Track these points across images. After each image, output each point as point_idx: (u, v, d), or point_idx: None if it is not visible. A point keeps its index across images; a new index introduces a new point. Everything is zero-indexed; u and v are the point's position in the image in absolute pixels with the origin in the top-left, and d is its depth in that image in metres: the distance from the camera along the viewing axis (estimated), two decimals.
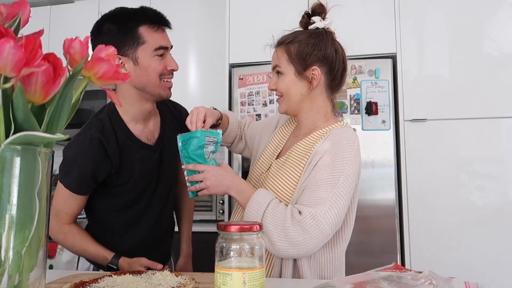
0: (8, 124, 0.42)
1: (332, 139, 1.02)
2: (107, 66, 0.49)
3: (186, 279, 0.81)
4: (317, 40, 1.08)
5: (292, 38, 1.09)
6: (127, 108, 1.18)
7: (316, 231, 0.92)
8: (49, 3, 3.12)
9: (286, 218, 0.93)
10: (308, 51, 1.07)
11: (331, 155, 1.00)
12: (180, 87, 2.77)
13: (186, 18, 2.79)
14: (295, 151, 1.09)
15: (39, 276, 0.46)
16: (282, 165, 1.09)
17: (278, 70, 1.09)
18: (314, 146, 1.05)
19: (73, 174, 1.13)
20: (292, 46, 1.08)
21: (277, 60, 1.10)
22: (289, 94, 1.09)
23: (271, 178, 1.08)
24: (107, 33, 1.10)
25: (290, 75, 1.08)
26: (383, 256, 2.02)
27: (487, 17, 2.12)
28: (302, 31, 1.11)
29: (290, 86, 1.08)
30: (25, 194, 0.43)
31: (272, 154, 1.16)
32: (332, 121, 1.11)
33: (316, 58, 1.07)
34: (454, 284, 0.66)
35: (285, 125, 1.24)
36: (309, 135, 1.10)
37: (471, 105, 2.08)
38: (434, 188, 2.06)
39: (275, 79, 1.11)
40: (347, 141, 1.02)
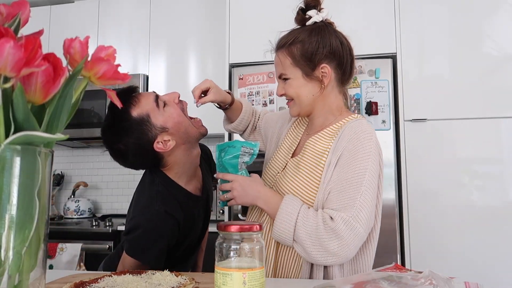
0: (8, 124, 0.42)
1: (349, 134, 0.99)
2: (107, 66, 0.49)
3: (186, 279, 0.81)
4: (320, 36, 1.01)
5: (293, 38, 1.02)
6: (181, 170, 1.21)
7: (350, 236, 0.89)
8: (49, 3, 3.12)
9: (318, 225, 0.90)
10: (313, 49, 1.00)
11: (352, 152, 0.96)
12: (180, 88, 2.77)
13: (186, 18, 2.79)
14: (310, 149, 1.05)
15: (39, 276, 0.46)
16: (298, 164, 1.05)
17: (285, 77, 1.04)
18: (331, 143, 1.01)
19: (152, 253, 1.11)
20: (295, 47, 1.01)
21: (281, 66, 1.04)
22: (300, 97, 1.04)
23: (288, 178, 1.04)
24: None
25: (298, 78, 1.02)
26: (383, 256, 2.02)
27: (487, 17, 2.12)
28: (300, 29, 1.05)
29: (300, 89, 1.03)
30: (25, 194, 0.43)
31: (287, 152, 1.13)
32: (346, 115, 1.08)
33: (323, 55, 1.01)
34: (454, 284, 0.66)
35: (298, 122, 1.20)
36: (321, 131, 1.06)
37: (471, 105, 2.08)
38: (434, 188, 2.06)
39: (282, 84, 1.06)
40: (365, 135, 0.99)
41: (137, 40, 2.87)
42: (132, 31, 2.89)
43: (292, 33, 1.05)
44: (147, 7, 2.86)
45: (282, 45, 1.04)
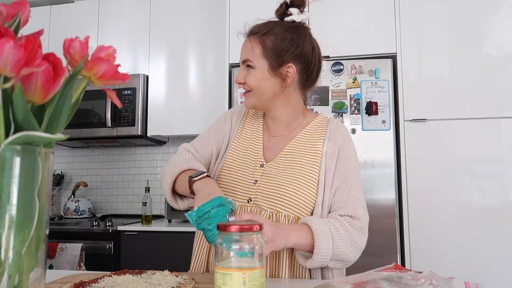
0: (8, 124, 0.42)
1: (339, 134, 1.05)
2: (107, 66, 0.49)
3: (186, 279, 0.81)
4: (295, 35, 1.01)
5: (268, 29, 1.01)
6: None
7: (367, 230, 0.99)
8: (49, 3, 3.12)
9: (349, 231, 0.94)
10: (284, 46, 1.00)
11: (347, 150, 1.03)
12: (180, 88, 2.78)
13: (186, 18, 2.79)
14: (297, 150, 1.04)
15: (39, 276, 0.46)
16: (287, 166, 1.01)
17: (249, 64, 1.01)
18: (321, 143, 1.03)
19: None
20: (268, 38, 1.00)
21: (249, 52, 1.01)
22: (260, 90, 1.02)
23: (279, 186, 0.98)
24: None
25: (263, 70, 1.00)
26: (383, 256, 2.02)
27: (487, 17, 2.12)
28: (278, 22, 1.04)
29: (262, 82, 1.01)
30: (25, 194, 0.43)
31: (254, 159, 1.06)
32: (313, 114, 1.12)
33: (293, 55, 1.01)
34: (454, 284, 0.66)
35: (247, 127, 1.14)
36: (300, 132, 1.07)
37: (471, 105, 2.08)
38: (434, 188, 2.06)
39: (244, 72, 1.03)
40: (348, 133, 1.07)
41: (137, 40, 2.87)
42: (132, 31, 2.89)
43: (269, 24, 1.04)
44: (147, 7, 2.86)
45: (256, 32, 1.03)
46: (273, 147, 1.07)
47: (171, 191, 1.04)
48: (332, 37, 2.26)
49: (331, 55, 2.25)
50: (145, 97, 2.79)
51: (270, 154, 1.06)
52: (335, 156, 1.01)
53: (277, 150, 1.06)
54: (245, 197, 1.01)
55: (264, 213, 0.97)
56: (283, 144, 1.07)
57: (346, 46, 2.25)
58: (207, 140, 1.14)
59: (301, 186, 0.98)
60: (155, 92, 2.80)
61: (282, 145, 1.06)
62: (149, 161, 3.12)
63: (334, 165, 1.01)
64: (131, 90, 2.72)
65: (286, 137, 1.08)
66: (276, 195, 0.98)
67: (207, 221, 0.80)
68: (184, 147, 1.13)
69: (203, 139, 1.15)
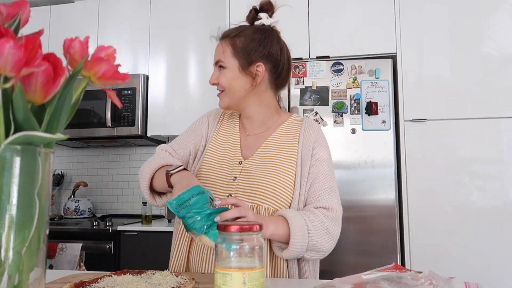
0: (8, 124, 0.42)
1: (311, 130, 1.10)
2: (107, 66, 0.49)
3: (186, 279, 0.81)
4: (262, 36, 1.07)
5: (238, 32, 1.08)
6: None
7: (340, 221, 1.03)
8: (49, 3, 3.12)
9: (324, 222, 0.97)
10: (253, 46, 1.06)
11: (321, 146, 1.09)
12: (180, 88, 2.78)
13: (186, 18, 2.79)
14: (274, 147, 1.09)
15: (39, 276, 0.46)
16: (262, 165, 1.05)
17: (221, 64, 1.07)
18: (297, 140, 1.09)
19: None
20: (238, 39, 1.06)
21: (221, 53, 1.07)
22: (232, 89, 1.07)
23: (258, 181, 1.02)
24: None
25: (234, 69, 1.06)
26: (383, 256, 2.02)
27: (487, 17, 2.12)
28: (248, 26, 1.11)
29: (233, 81, 1.06)
30: (25, 194, 0.43)
31: (232, 157, 1.10)
32: (287, 114, 1.17)
33: (261, 55, 1.06)
34: (454, 284, 0.66)
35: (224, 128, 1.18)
36: (276, 130, 1.12)
37: (471, 105, 2.08)
38: (434, 188, 2.06)
39: (217, 73, 1.09)
40: (321, 130, 1.14)
41: (137, 40, 2.87)
42: (132, 31, 2.89)
43: (239, 27, 1.10)
44: (147, 7, 2.86)
45: (227, 35, 1.08)
46: (250, 145, 1.12)
47: (148, 188, 1.07)
48: (332, 37, 2.26)
49: (331, 55, 2.25)
50: (145, 97, 2.79)
51: (247, 152, 1.11)
52: (310, 151, 1.07)
53: (254, 148, 1.11)
54: (225, 193, 1.04)
55: None
56: (260, 142, 1.11)
57: (346, 46, 2.25)
58: (185, 141, 1.17)
59: (279, 180, 1.03)
60: (155, 92, 2.80)
61: (258, 143, 1.11)
62: None
63: (310, 159, 1.06)
64: (131, 90, 2.72)
65: (262, 135, 1.13)
66: (255, 189, 1.02)
67: (188, 209, 0.82)
68: (162, 147, 1.16)
69: (181, 140, 1.19)
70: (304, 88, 2.21)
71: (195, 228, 0.81)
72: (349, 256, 2.06)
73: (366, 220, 2.06)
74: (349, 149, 2.13)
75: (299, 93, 2.20)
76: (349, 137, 2.14)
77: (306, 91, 2.20)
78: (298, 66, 2.23)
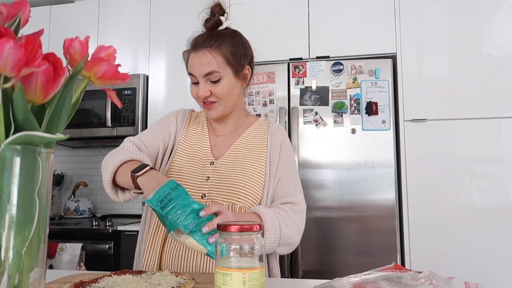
0: (8, 124, 0.42)
1: (278, 134, 1.16)
2: (107, 66, 0.49)
3: (186, 279, 0.81)
4: (241, 40, 1.10)
5: (220, 40, 1.05)
6: None
7: (305, 214, 1.08)
8: (49, 3, 3.12)
9: (292, 216, 1.02)
10: (241, 51, 1.08)
11: (287, 146, 1.16)
12: (180, 88, 2.78)
13: (186, 18, 2.79)
14: (244, 146, 1.12)
15: (39, 276, 0.46)
16: (236, 161, 1.09)
17: (217, 75, 1.03)
18: (265, 141, 1.14)
19: None
20: (223, 47, 1.05)
21: (212, 64, 1.03)
22: (230, 96, 1.08)
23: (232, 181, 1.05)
24: None
25: (230, 77, 1.06)
26: (383, 256, 2.02)
27: (487, 17, 2.12)
28: (218, 32, 1.08)
29: (231, 88, 1.07)
30: (25, 194, 0.43)
31: (202, 158, 1.11)
32: (253, 116, 1.22)
33: (248, 58, 1.10)
34: (454, 284, 0.66)
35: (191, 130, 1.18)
36: (246, 131, 1.16)
37: (471, 105, 2.08)
38: (434, 188, 2.06)
39: (208, 85, 1.04)
40: (286, 132, 1.20)
41: (137, 40, 2.87)
42: (132, 31, 2.89)
43: (213, 35, 1.06)
44: (147, 7, 2.86)
45: (210, 45, 1.04)
46: (220, 145, 1.14)
47: (111, 182, 1.00)
48: (332, 37, 2.26)
49: (331, 55, 2.25)
50: (145, 97, 2.79)
51: (217, 152, 1.13)
52: (278, 152, 1.13)
53: (224, 148, 1.13)
54: (199, 193, 1.05)
55: None
56: (230, 142, 1.14)
57: (346, 46, 2.25)
58: (154, 136, 1.14)
59: (251, 179, 1.06)
60: (155, 92, 2.80)
61: (228, 143, 1.14)
62: None
63: (277, 159, 1.11)
64: (131, 90, 2.72)
65: (232, 136, 1.16)
66: (229, 189, 1.05)
67: (171, 203, 0.80)
68: (130, 139, 1.11)
69: (149, 135, 1.14)
70: (304, 88, 2.21)
71: (182, 224, 0.78)
72: (349, 256, 2.06)
73: (366, 220, 2.06)
74: (349, 149, 2.13)
75: (299, 93, 2.20)
76: (349, 137, 2.14)
77: (306, 91, 2.20)
78: (298, 66, 2.23)
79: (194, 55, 1.06)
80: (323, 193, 2.12)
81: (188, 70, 1.08)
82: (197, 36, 1.09)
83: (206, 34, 1.08)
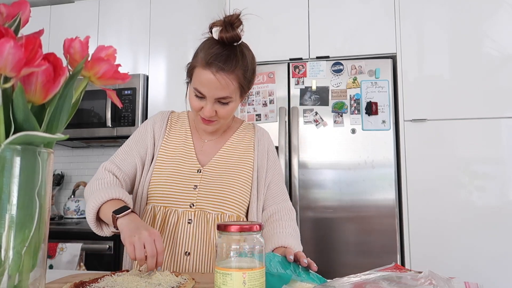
0: (8, 124, 0.42)
1: (264, 139, 1.18)
2: (107, 66, 0.49)
3: (186, 279, 0.81)
4: (251, 59, 1.05)
5: (235, 63, 0.98)
6: None
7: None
8: (49, 3, 3.12)
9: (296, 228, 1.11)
10: (251, 76, 1.05)
11: (273, 154, 1.18)
12: (180, 88, 2.78)
13: (186, 18, 2.79)
14: (231, 152, 1.12)
15: (39, 276, 0.46)
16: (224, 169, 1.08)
17: (229, 100, 1.00)
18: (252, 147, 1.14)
19: None
20: (238, 71, 0.99)
21: (226, 89, 0.98)
22: (229, 116, 1.07)
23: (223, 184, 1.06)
24: None
25: (237, 100, 1.05)
26: (383, 256, 2.02)
27: (487, 17, 2.12)
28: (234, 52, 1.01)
29: (235, 108, 1.06)
30: (25, 194, 0.43)
31: (190, 164, 1.08)
32: (238, 120, 1.22)
33: (254, 79, 1.08)
34: (454, 284, 0.66)
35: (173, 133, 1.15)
36: (232, 136, 1.16)
37: (471, 105, 2.08)
38: (434, 188, 2.06)
39: (215, 105, 1.01)
40: (271, 139, 1.22)
41: (137, 40, 2.87)
42: (132, 31, 2.89)
43: (230, 56, 0.99)
44: (147, 7, 2.86)
45: (227, 69, 0.97)
46: (206, 151, 1.12)
47: (95, 220, 1.01)
48: (332, 37, 2.26)
49: (331, 55, 2.25)
50: (145, 97, 2.79)
51: (203, 158, 1.11)
52: (266, 158, 1.14)
53: (211, 153, 1.12)
54: (187, 202, 1.03)
55: (209, 216, 1.02)
56: (216, 148, 1.13)
57: (346, 46, 2.25)
58: (129, 154, 1.12)
59: (239, 186, 1.07)
60: (155, 92, 2.80)
61: (215, 149, 1.13)
62: None
63: (266, 164, 1.13)
64: (131, 90, 2.72)
65: (218, 141, 1.15)
66: (218, 198, 1.04)
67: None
68: (104, 166, 1.10)
69: (124, 154, 1.13)
70: (304, 88, 2.21)
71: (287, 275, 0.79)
72: (349, 256, 2.06)
73: (366, 220, 2.06)
74: (349, 149, 2.13)
75: (299, 93, 2.20)
76: (349, 137, 2.14)
77: (306, 91, 2.20)
78: (298, 66, 2.23)
79: (210, 74, 0.97)
80: (323, 193, 2.12)
81: (197, 87, 1.00)
82: (214, 55, 0.98)
83: (224, 55, 0.98)
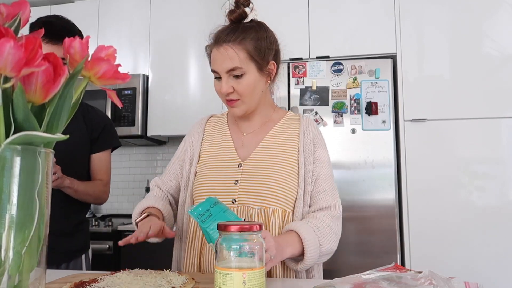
0: (8, 124, 0.42)
1: (311, 130, 1.09)
2: (107, 66, 0.49)
3: (186, 279, 0.81)
4: (266, 33, 1.03)
5: (243, 34, 1.00)
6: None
7: (341, 217, 1.05)
8: (49, 3, 3.12)
9: (330, 226, 0.99)
10: (265, 45, 1.01)
11: (321, 146, 1.09)
12: (180, 88, 2.78)
13: (186, 18, 2.79)
14: (273, 144, 1.06)
15: (39, 276, 0.46)
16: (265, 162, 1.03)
17: (240, 71, 0.99)
18: (296, 138, 1.07)
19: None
20: (247, 42, 0.99)
21: (234, 60, 0.98)
22: (254, 93, 1.02)
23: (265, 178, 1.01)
24: None
25: (254, 73, 1.00)
26: (383, 256, 2.02)
27: (487, 17, 2.12)
28: (242, 25, 1.02)
29: (255, 85, 1.01)
30: (25, 194, 0.43)
31: (231, 160, 1.07)
32: (281, 110, 1.16)
33: (273, 52, 1.04)
34: (454, 284, 0.66)
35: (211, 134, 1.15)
36: (274, 127, 1.10)
37: (471, 105, 2.08)
38: (434, 188, 2.06)
39: (230, 81, 1.00)
40: (318, 127, 1.13)
41: (137, 40, 2.87)
42: (132, 31, 2.89)
43: (236, 28, 1.01)
44: (147, 7, 2.86)
45: (229, 40, 0.99)
46: (246, 144, 1.09)
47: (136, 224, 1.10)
48: (332, 37, 2.26)
49: (331, 55, 2.25)
50: (145, 97, 2.79)
51: (244, 152, 1.07)
52: (312, 151, 1.06)
53: (251, 147, 1.08)
54: (229, 198, 1.01)
55: (252, 211, 1.00)
56: (257, 141, 1.08)
57: (346, 46, 2.25)
58: (172, 169, 1.18)
59: (283, 180, 1.01)
60: (155, 92, 2.80)
61: (255, 142, 1.08)
62: (149, 161, 3.11)
63: (312, 159, 1.05)
64: (131, 90, 2.72)
65: (258, 132, 1.10)
66: (260, 192, 1.00)
67: (211, 218, 0.83)
68: (154, 182, 1.20)
69: (168, 170, 1.20)
70: (304, 88, 2.21)
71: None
72: (349, 256, 2.06)
73: (366, 220, 2.06)
74: (349, 149, 2.13)
75: (299, 93, 2.20)
76: (349, 137, 2.14)
77: (306, 91, 2.20)
78: (298, 66, 2.23)
79: (216, 50, 1.01)
80: None
81: (211, 66, 1.04)
82: (219, 30, 1.02)
83: (228, 28, 1.01)
